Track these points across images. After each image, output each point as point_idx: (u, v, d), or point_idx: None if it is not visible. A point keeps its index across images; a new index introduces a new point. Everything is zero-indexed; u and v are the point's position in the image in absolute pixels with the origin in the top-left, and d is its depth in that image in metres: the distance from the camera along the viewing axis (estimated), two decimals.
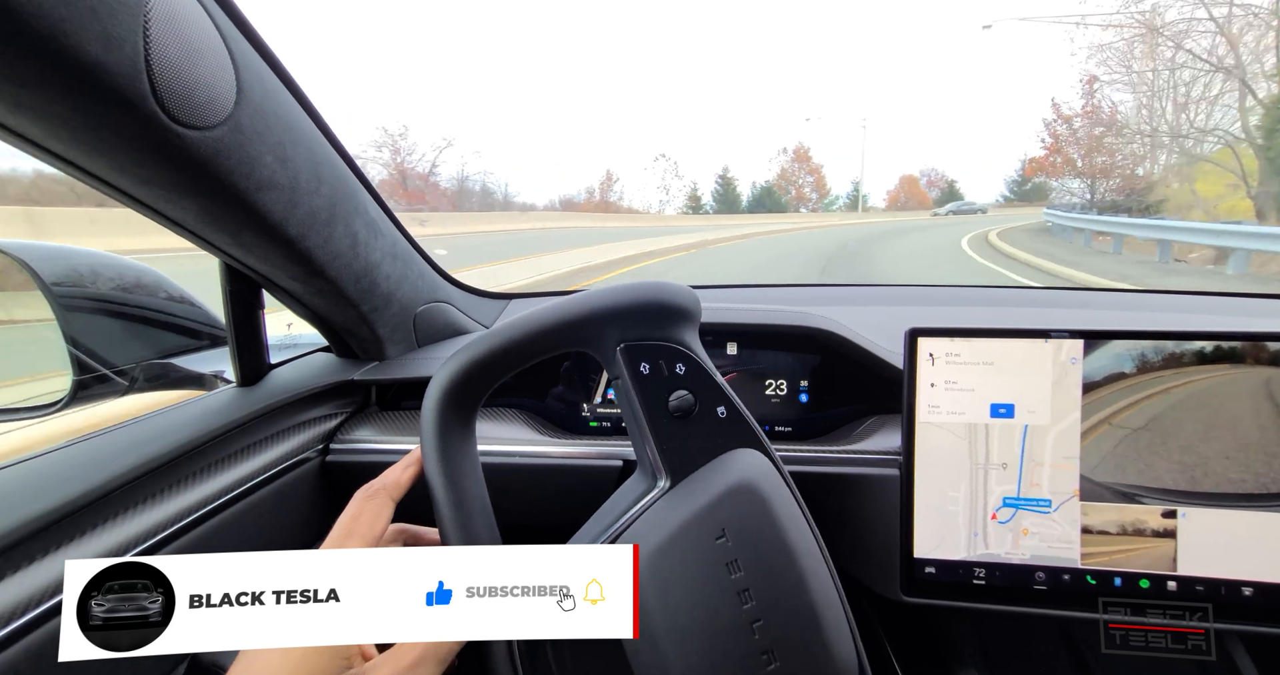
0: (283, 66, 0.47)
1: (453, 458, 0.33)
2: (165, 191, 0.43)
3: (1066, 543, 0.50)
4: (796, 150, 59.22)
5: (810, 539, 0.36)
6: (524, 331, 0.34)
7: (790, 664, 0.32)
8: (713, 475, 0.35)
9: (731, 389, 0.38)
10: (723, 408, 0.37)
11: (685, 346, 0.37)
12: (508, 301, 1.00)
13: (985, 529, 0.51)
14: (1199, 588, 0.48)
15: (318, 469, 0.65)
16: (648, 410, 0.36)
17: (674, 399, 0.36)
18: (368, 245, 0.61)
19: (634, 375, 0.36)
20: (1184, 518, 0.48)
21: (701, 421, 0.37)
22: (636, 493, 0.37)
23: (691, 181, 65.34)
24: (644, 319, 0.36)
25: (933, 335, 0.52)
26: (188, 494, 0.50)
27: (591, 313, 0.35)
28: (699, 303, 0.39)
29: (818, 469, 0.61)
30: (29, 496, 0.40)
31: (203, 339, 0.73)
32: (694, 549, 0.33)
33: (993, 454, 0.51)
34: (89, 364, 0.61)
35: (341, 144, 0.56)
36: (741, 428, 0.38)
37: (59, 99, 0.32)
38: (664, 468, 0.36)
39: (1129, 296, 0.99)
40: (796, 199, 58.41)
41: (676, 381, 0.37)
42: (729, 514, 0.34)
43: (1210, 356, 0.48)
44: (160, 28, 0.34)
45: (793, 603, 0.33)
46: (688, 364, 0.37)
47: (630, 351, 0.36)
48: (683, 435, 0.36)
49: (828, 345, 0.70)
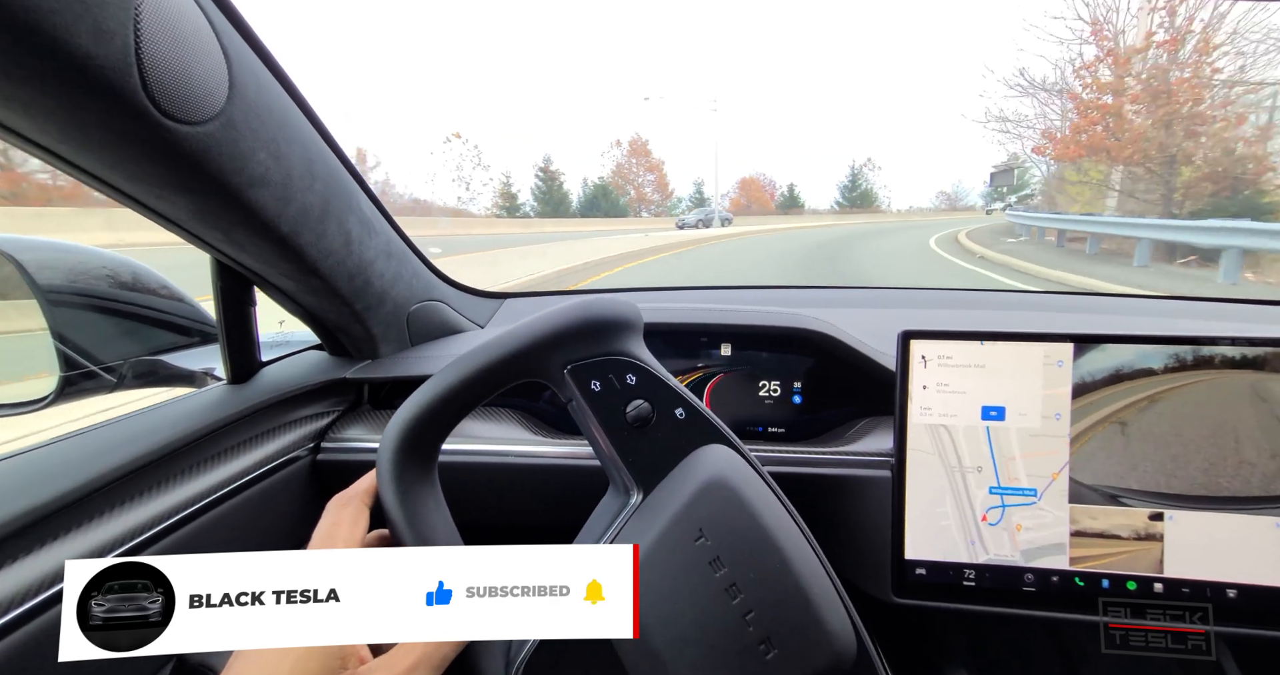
0: (276, 62, 0.46)
1: (415, 510, 0.33)
2: (156, 187, 0.42)
3: (1056, 544, 0.50)
4: (633, 143, 49.55)
5: (787, 520, 0.36)
6: (463, 375, 0.34)
7: (788, 648, 0.32)
8: (681, 479, 0.35)
9: (724, 389, 0.39)
10: (680, 409, 0.37)
11: (631, 356, 0.37)
12: (502, 301, 1.00)
13: (978, 531, 0.51)
14: (1185, 590, 0.48)
15: (308, 468, 0.65)
16: (606, 426, 0.36)
17: (631, 410, 0.36)
18: (361, 243, 0.61)
19: (586, 394, 0.36)
20: (1171, 520, 0.49)
21: (661, 426, 0.37)
22: (612, 512, 0.37)
23: (504, 173, 53.64)
24: (584, 338, 0.36)
25: (925, 338, 0.52)
26: (177, 491, 0.50)
27: (530, 342, 0.35)
28: (637, 310, 0.39)
29: (810, 470, 0.62)
30: (18, 492, 0.40)
31: (193, 336, 0.72)
32: (676, 555, 0.33)
33: (980, 457, 0.51)
34: (76, 360, 0.61)
35: (335, 141, 0.55)
36: (702, 425, 0.38)
37: (48, 93, 0.32)
38: (634, 481, 0.36)
39: (1121, 301, 1.00)
40: (637, 200, 49.58)
41: (630, 392, 0.37)
42: (703, 513, 0.34)
43: (1198, 360, 0.49)
44: (152, 21, 0.34)
45: (781, 588, 0.33)
46: (637, 373, 0.37)
47: (577, 372, 0.36)
48: (646, 444, 0.36)
49: (821, 347, 0.70)
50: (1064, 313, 0.94)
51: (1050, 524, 0.50)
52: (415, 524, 0.32)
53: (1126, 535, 0.49)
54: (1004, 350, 0.51)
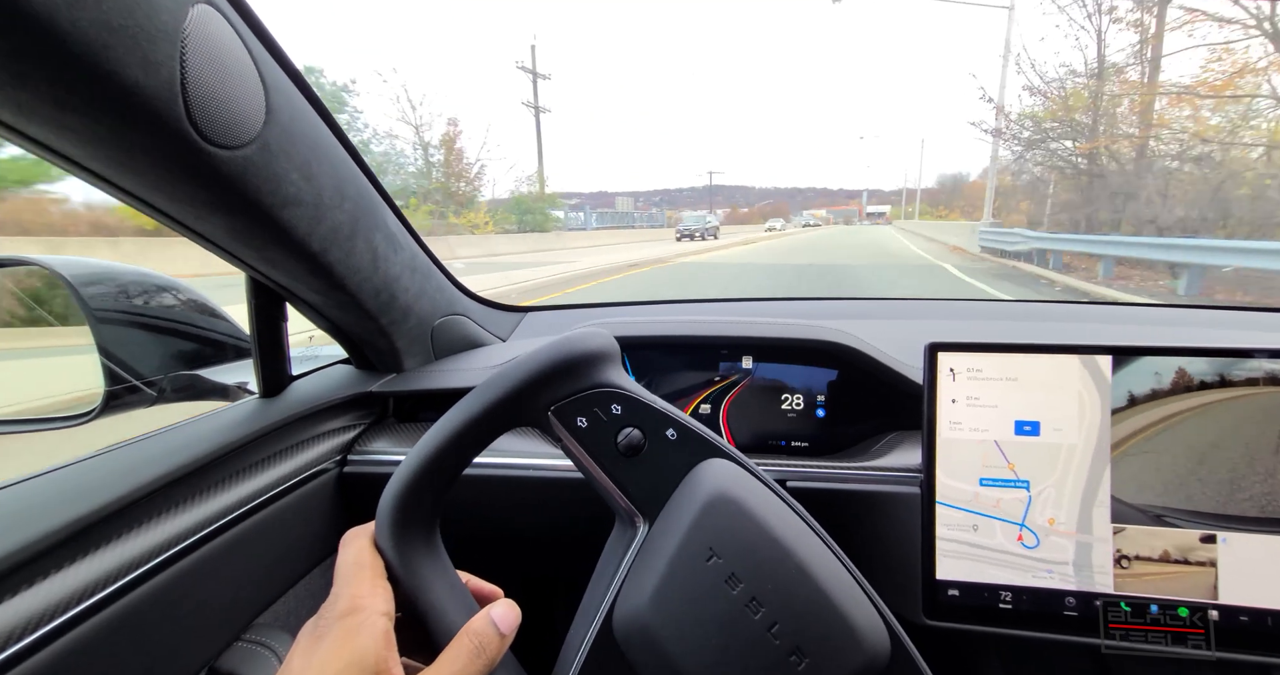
0: (309, 85, 0.48)
1: (416, 571, 0.33)
2: (195, 208, 0.44)
3: (1098, 567, 0.48)
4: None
5: (797, 523, 0.35)
6: (445, 437, 0.33)
7: (820, 655, 0.31)
8: (683, 501, 0.35)
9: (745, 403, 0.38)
10: (670, 430, 0.36)
11: (612, 386, 0.36)
12: (524, 314, 1.01)
13: (1014, 551, 0.49)
14: (1243, 618, 0.45)
15: (335, 480, 0.66)
16: (600, 460, 0.36)
17: (621, 440, 0.36)
18: (387, 259, 0.63)
19: (574, 432, 0.36)
20: (1224, 543, 0.46)
21: (655, 450, 0.36)
22: (622, 548, 0.36)
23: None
24: (561, 377, 0.35)
25: (953, 350, 0.51)
26: (211, 502, 0.51)
27: (507, 392, 0.34)
28: (610, 339, 0.38)
29: (836, 486, 0.60)
30: (65, 502, 0.42)
31: (228, 351, 0.75)
32: (691, 580, 0.32)
33: (1017, 473, 0.49)
34: (120, 375, 0.63)
35: (363, 159, 0.57)
36: (696, 442, 0.37)
37: (101, 121, 0.34)
38: (638, 511, 0.36)
39: (1156, 311, 0.96)
40: None
41: (617, 422, 0.36)
42: (710, 532, 0.33)
43: (1249, 373, 0.46)
44: (196, 52, 0.36)
45: (801, 595, 0.32)
46: (622, 402, 0.36)
47: (561, 412, 0.35)
48: (642, 471, 0.36)
49: (845, 359, 0.69)
50: (1098, 323, 0.91)
51: (1092, 545, 0.48)
52: (415, 583, 0.32)
53: (1176, 558, 0.47)
54: (1038, 363, 0.50)
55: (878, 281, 8.62)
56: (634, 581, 0.33)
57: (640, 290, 8.33)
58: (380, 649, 0.28)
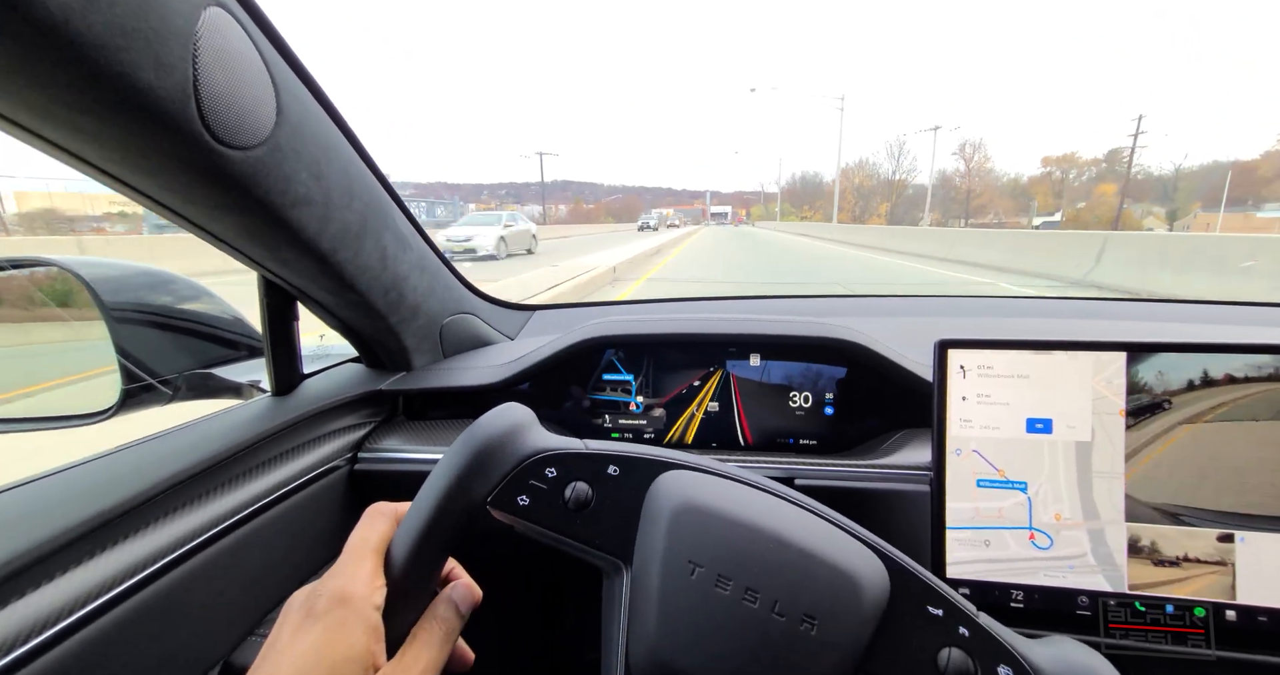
0: (319, 86, 0.49)
1: (412, 605, 0.33)
2: (208, 208, 0.45)
3: (1113, 565, 0.47)
4: None
5: (759, 496, 0.35)
6: (400, 565, 0.32)
7: (828, 612, 0.31)
8: (648, 529, 0.34)
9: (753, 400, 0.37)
10: (611, 467, 0.36)
11: (535, 454, 0.35)
12: (531, 313, 1.01)
13: (1025, 550, 0.49)
14: (1261, 618, 0.44)
15: (346, 477, 0.67)
16: (557, 527, 0.35)
17: (569, 498, 0.35)
18: (396, 258, 0.63)
19: (519, 513, 0.34)
20: (1243, 543, 0.45)
21: (604, 493, 0.35)
22: (615, 598, 0.35)
23: None
24: (484, 467, 0.34)
25: (964, 347, 0.51)
26: (225, 499, 0.52)
27: (438, 506, 0.33)
28: (515, 409, 0.37)
29: (845, 484, 0.60)
30: (82, 499, 0.42)
31: (241, 350, 0.76)
32: (686, 600, 0.32)
33: (1030, 471, 0.49)
34: (137, 373, 0.64)
35: (373, 159, 0.58)
36: (637, 469, 0.36)
37: (114, 123, 0.34)
38: (615, 558, 0.35)
39: (1169, 307, 0.95)
40: None
41: (558, 484, 0.35)
42: (683, 546, 0.32)
43: (1268, 369, 0.45)
44: (208, 54, 0.36)
45: (787, 565, 0.32)
46: (553, 462, 0.35)
47: (499, 502, 0.34)
48: (602, 519, 0.35)
49: (853, 357, 0.68)
50: (1111, 319, 0.89)
51: (1106, 544, 0.47)
52: (403, 604, 0.33)
53: (1192, 558, 0.46)
54: (1051, 360, 0.49)
55: None
56: (637, 625, 0.33)
57: None
58: (370, 643, 0.29)
